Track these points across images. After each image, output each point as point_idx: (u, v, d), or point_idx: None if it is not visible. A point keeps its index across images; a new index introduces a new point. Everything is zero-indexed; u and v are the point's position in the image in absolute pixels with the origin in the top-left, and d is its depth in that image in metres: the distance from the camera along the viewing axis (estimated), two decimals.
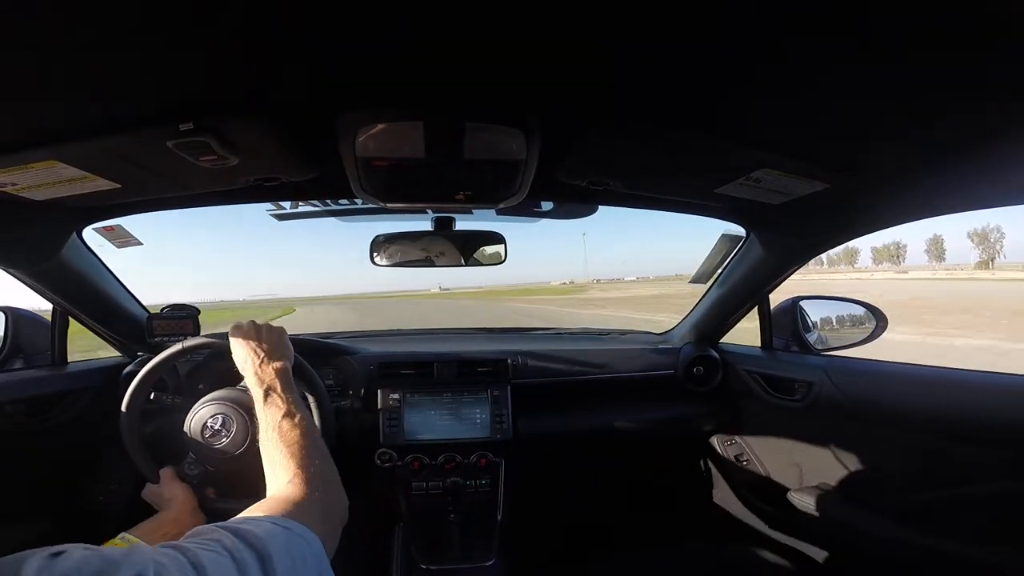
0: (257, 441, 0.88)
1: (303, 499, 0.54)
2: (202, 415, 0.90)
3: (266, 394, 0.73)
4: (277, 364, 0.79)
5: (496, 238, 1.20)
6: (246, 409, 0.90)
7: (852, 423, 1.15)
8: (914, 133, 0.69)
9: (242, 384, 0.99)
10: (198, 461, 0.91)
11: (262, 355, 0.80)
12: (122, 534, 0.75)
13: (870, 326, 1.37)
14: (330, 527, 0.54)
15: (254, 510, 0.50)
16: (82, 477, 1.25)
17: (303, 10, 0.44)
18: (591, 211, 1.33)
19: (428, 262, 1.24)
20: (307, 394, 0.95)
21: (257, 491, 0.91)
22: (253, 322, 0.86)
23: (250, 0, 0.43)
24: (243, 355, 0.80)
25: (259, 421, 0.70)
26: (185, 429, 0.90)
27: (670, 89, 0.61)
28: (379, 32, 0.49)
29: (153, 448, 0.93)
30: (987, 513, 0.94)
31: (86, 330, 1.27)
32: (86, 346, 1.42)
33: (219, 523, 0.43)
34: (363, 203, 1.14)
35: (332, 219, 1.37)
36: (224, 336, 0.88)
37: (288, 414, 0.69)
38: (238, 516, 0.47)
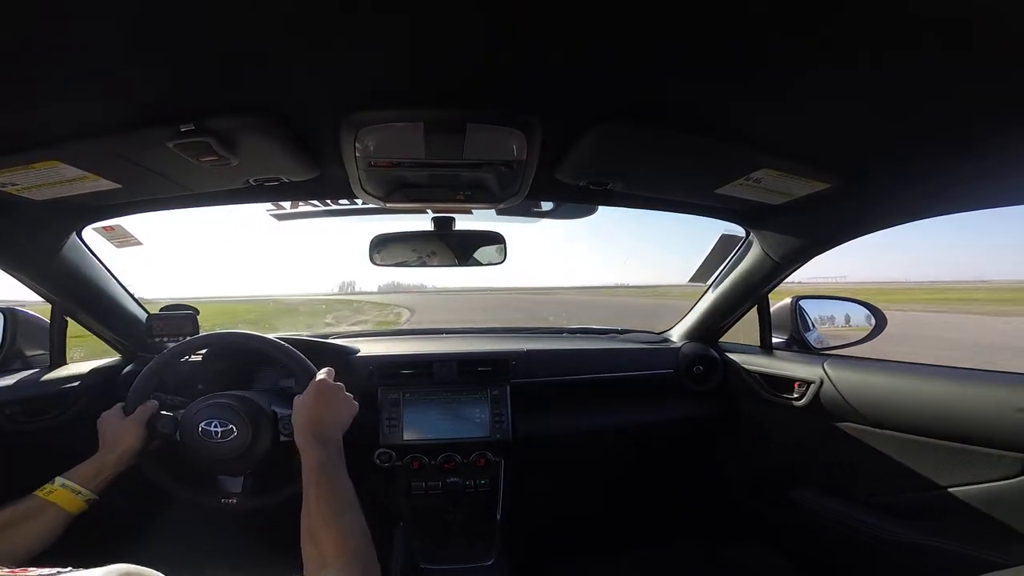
0: (249, 454, 0.89)
1: None
2: (202, 415, 0.90)
3: (323, 464, 0.72)
4: (338, 435, 0.80)
5: (496, 238, 1.20)
6: (250, 415, 0.91)
7: (852, 422, 1.15)
8: (914, 133, 0.69)
9: (249, 391, 1.00)
10: (176, 424, 0.91)
11: (331, 421, 0.81)
12: (59, 478, 0.77)
13: (869, 325, 1.37)
14: None
15: None
16: None
17: (303, 11, 0.45)
18: (591, 211, 1.33)
19: (427, 262, 1.23)
20: None
21: (199, 487, 0.94)
22: (341, 385, 0.88)
23: (249, 1, 0.43)
24: (313, 410, 0.81)
25: (307, 487, 0.70)
26: (183, 426, 0.90)
27: (670, 89, 0.61)
28: (379, 34, 0.49)
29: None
30: (988, 513, 0.94)
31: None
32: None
33: None
34: (363, 203, 1.14)
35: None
36: (308, 373, 0.91)
37: (342, 492, 0.70)
38: None
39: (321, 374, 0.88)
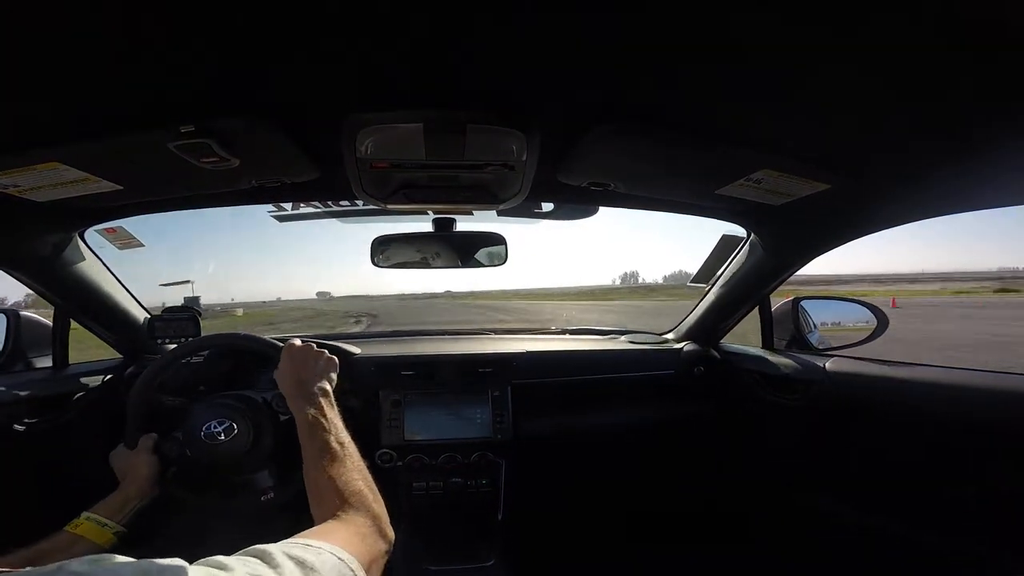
0: (258, 447, 0.89)
1: (357, 532, 0.56)
2: (204, 416, 0.90)
3: (313, 419, 0.73)
4: (324, 388, 0.80)
5: (497, 239, 1.20)
6: (245, 408, 0.90)
7: (853, 423, 1.15)
8: (915, 134, 0.69)
9: (250, 391, 1.00)
10: (181, 442, 0.91)
11: (312, 378, 0.81)
12: (85, 513, 0.77)
13: (871, 326, 1.36)
14: (379, 560, 0.56)
15: (311, 536, 0.51)
16: (82, 477, 1.25)
17: (304, 13, 0.45)
18: (591, 212, 1.33)
19: (429, 263, 1.24)
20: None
21: (233, 491, 0.93)
22: (311, 345, 0.88)
23: (251, 3, 0.43)
24: (292, 375, 0.81)
25: (304, 445, 0.71)
26: (188, 440, 0.90)
27: (670, 90, 0.61)
28: (380, 35, 0.49)
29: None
30: (987, 512, 0.94)
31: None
32: None
33: (282, 546, 0.44)
34: (364, 204, 1.14)
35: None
36: (276, 348, 0.91)
37: (337, 442, 0.70)
38: (300, 541, 0.47)
39: (290, 342, 0.89)
